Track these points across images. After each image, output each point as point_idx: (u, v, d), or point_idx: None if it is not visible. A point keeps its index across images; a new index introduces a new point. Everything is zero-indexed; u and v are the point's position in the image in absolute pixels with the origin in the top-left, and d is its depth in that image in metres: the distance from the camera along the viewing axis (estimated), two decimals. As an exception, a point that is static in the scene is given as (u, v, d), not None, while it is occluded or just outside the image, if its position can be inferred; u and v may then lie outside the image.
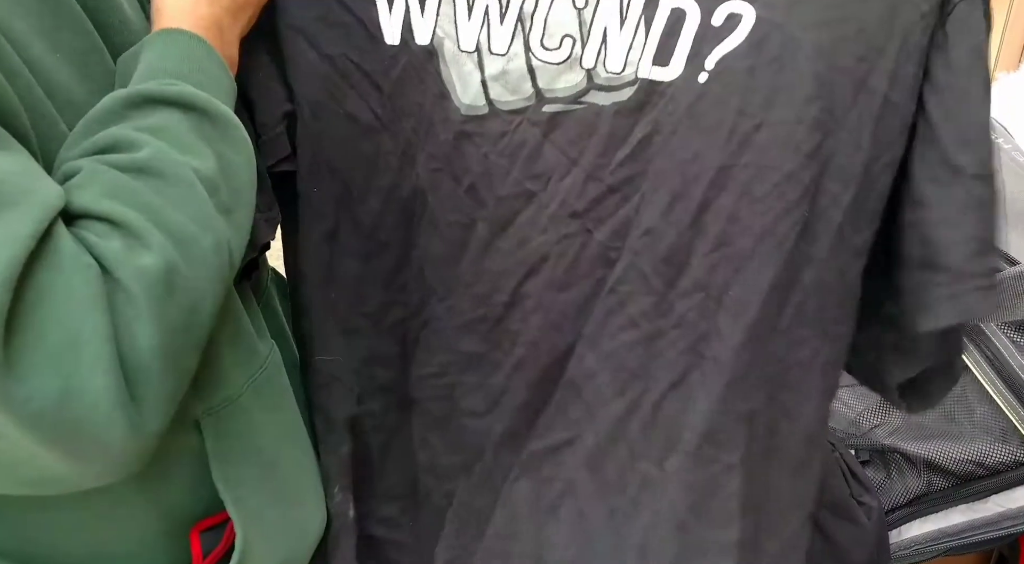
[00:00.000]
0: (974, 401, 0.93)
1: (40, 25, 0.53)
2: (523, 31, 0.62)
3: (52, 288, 0.43)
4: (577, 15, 0.61)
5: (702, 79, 0.60)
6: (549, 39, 0.62)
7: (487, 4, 0.62)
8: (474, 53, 0.63)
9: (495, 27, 0.62)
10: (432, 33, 0.63)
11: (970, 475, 0.93)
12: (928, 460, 0.96)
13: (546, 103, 0.63)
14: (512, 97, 0.64)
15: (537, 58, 0.62)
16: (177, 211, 0.49)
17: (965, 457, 0.92)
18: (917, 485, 0.98)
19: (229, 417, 0.62)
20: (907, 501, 0.98)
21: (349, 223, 0.69)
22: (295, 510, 0.69)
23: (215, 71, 0.57)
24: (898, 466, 1.00)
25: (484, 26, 0.62)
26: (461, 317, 0.69)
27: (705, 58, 0.60)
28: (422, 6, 0.63)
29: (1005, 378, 0.89)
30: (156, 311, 0.46)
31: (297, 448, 0.70)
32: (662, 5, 0.59)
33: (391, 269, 0.70)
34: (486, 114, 0.64)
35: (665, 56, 0.60)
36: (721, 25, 0.59)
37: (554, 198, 0.65)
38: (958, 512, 0.94)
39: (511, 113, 0.64)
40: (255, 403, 0.64)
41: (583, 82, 0.62)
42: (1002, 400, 0.89)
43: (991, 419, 0.91)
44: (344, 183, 0.68)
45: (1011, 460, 0.90)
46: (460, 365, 0.71)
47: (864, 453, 1.03)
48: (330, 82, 0.65)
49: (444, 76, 0.64)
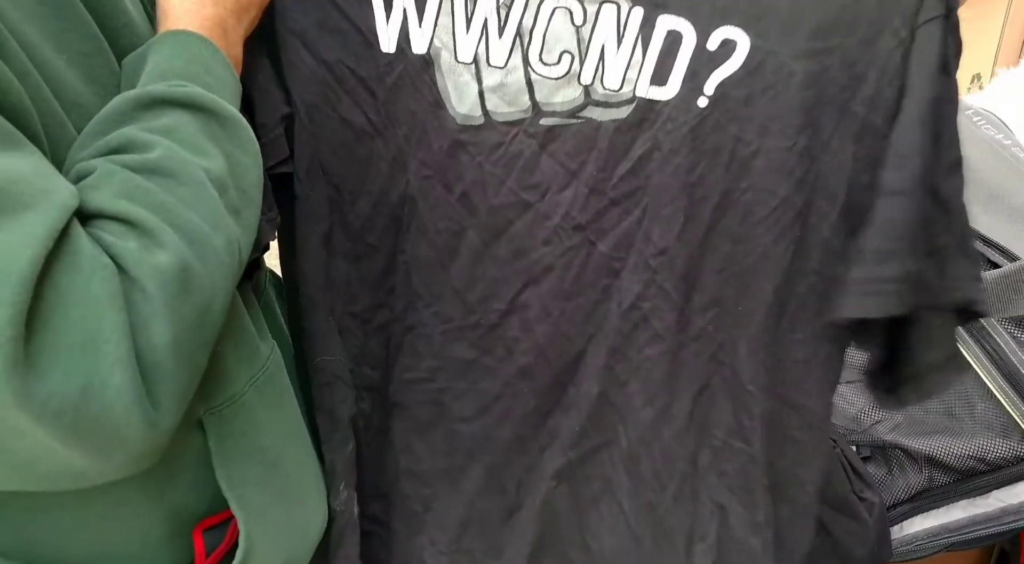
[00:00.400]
0: (975, 397, 0.93)
1: (46, 28, 0.54)
2: (522, 45, 0.63)
3: (71, 288, 0.44)
4: (576, 32, 0.63)
5: (702, 104, 0.63)
6: (548, 54, 0.63)
7: (486, 17, 0.63)
8: (471, 64, 0.64)
9: (494, 40, 0.64)
10: (429, 43, 0.65)
11: (971, 471, 0.93)
12: (929, 456, 0.96)
13: (543, 116, 0.65)
14: (509, 109, 0.65)
15: (535, 72, 0.64)
16: (189, 210, 0.50)
17: (966, 453, 0.92)
18: (918, 481, 0.98)
19: (232, 416, 0.62)
20: (908, 497, 0.98)
21: (340, 225, 0.70)
22: (298, 509, 0.69)
23: (221, 72, 0.58)
24: (899, 462, 1.00)
25: (483, 38, 0.64)
26: (450, 323, 0.71)
27: (704, 82, 0.62)
28: (420, 16, 0.64)
29: (1006, 374, 0.89)
30: (171, 309, 0.48)
31: (299, 447, 0.71)
32: (658, 27, 0.61)
33: (379, 272, 0.71)
34: (482, 125, 0.65)
35: (662, 76, 0.62)
36: (716, 50, 0.61)
37: (555, 210, 0.67)
38: (959, 508, 0.94)
39: (507, 124, 0.65)
40: (258, 402, 0.64)
41: (581, 97, 0.64)
42: (1003, 396, 0.89)
43: (992, 415, 0.91)
44: (336, 186, 0.69)
45: (1012, 455, 0.90)
46: (450, 371, 0.72)
47: (866, 449, 1.03)
48: (326, 87, 0.66)
49: (440, 85, 0.65)
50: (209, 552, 0.65)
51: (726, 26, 0.60)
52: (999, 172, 0.97)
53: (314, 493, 0.72)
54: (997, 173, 0.96)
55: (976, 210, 0.93)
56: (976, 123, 1.04)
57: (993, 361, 0.90)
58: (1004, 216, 0.93)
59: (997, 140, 1.01)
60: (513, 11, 0.63)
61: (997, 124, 1.06)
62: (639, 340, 0.69)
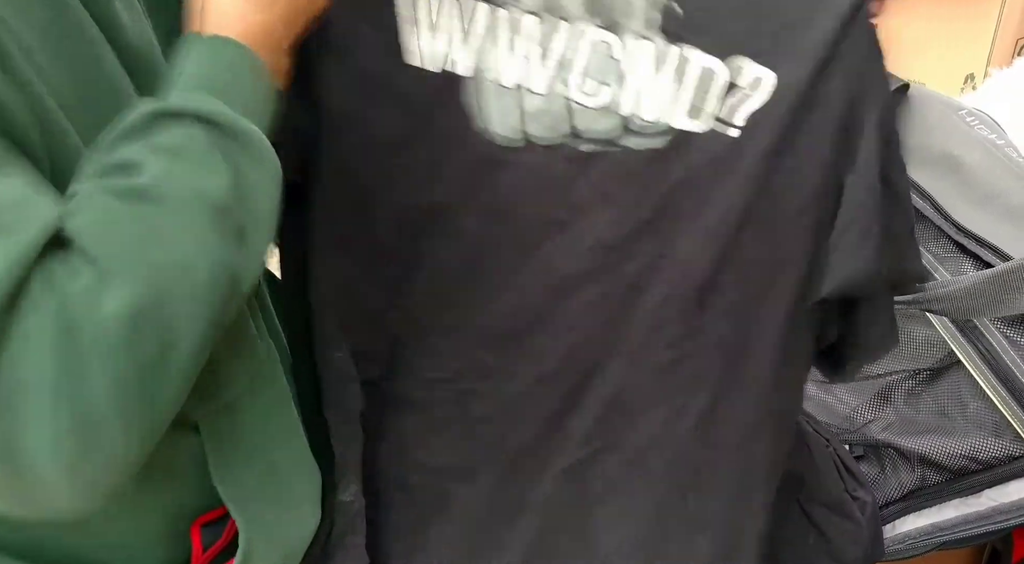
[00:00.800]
0: (967, 396, 0.93)
1: (48, 33, 0.52)
2: (563, 75, 0.67)
3: (4, 328, 0.42)
4: (616, 66, 0.66)
5: (734, 134, 0.67)
6: (588, 85, 0.67)
7: (528, 46, 0.66)
8: (513, 89, 0.67)
9: (536, 67, 0.67)
10: (472, 65, 0.67)
11: (963, 470, 0.93)
12: (922, 455, 0.96)
13: (582, 143, 0.68)
14: (548, 134, 0.68)
15: (576, 102, 0.67)
16: (167, 243, 0.47)
17: (959, 452, 0.93)
18: (911, 480, 0.98)
19: (229, 420, 0.62)
20: (901, 496, 0.99)
21: (362, 232, 0.72)
22: (294, 510, 0.69)
23: (256, 84, 0.55)
24: (892, 461, 1.00)
25: (525, 65, 0.67)
26: (478, 329, 0.74)
27: (735, 114, 0.66)
28: (465, 36, 0.66)
29: (998, 373, 0.89)
30: (113, 358, 0.44)
31: (295, 448, 0.70)
32: (692, 62, 0.66)
33: (396, 277, 0.73)
34: (520, 147, 0.68)
35: (697, 109, 0.67)
36: (747, 85, 0.66)
37: (588, 231, 0.70)
38: (951, 506, 0.95)
39: (547, 148, 0.68)
40: (254, 405, 0.64)
41: (619, 127, 0.68)
42: (995, 395, 0.90)
43: (984, 414, 0.92)
44: (361, 195, 0.71)
45: (1004, 454, 0.90)
46: (475, 373, 0.75)
47: (858, 448, 1.03)
48: (359, 97, 0.68)
49: (478, 105, 0.68)
50: (206, 547, 0.65)
51: (755, 64, 0.65)
52: (993, 172, 0.97)
53: (309, 493, 0.72)
54: (991, 173, 0.97)
55: (969, 210, 0.94)
56: (969, 123, 1.04)
57: (986, 360, 0.90)
58: (997, 216, 0.93)
59: (990, 140, 1.02)
60: (555, 42, 0.66)
61: (990, 124, 1.06)
62: (655, 346, 0.73)
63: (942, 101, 1.08)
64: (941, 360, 0.97)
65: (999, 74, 1.32)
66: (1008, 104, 1.20)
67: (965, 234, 0.92)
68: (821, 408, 1.08)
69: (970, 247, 0.92)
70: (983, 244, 0.91)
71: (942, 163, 0.98)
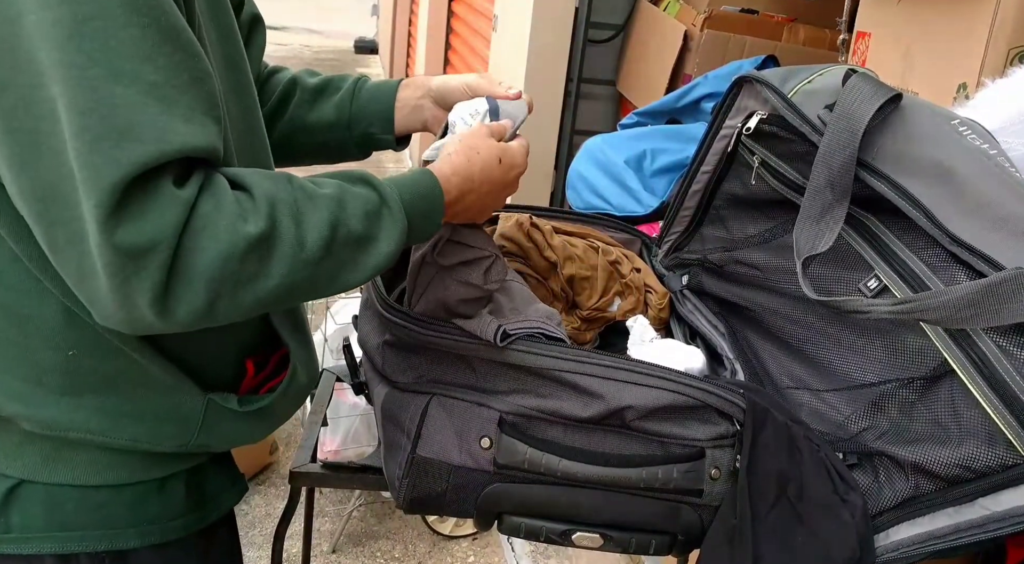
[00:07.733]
0: (961, 405, 0.93)
1: (215, 22, 0.85)
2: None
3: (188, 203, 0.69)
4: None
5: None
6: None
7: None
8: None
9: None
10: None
11: (957, 478, 0.93)
12: (915, 463, 0.96)
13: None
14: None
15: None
16: (297, 223, 0.73)
17: (953, 461, 0.93)
18: (905, 488, 0.98)
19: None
20: (895, 504, 0.98)
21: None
22: (313, 351, 1.05)
23: (428, 225, 0.87)
24: (886, 469, 1.00)
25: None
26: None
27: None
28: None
29: (991, 382, 0.89)
30: (226, 260, 0.68)
31: (302, 318, 1.04)
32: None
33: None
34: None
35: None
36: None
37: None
38: (945, 515, 0.95)
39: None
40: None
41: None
42: (988, 404, 0.90)
43: (978, 423, 0.91)
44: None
45: (998, 463, 0.90)
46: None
47: (852, 457, 1.03)
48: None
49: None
50: (257, 372, 0.98)
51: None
52: (985, 182, 0.97)
53: (312, 345, 1.06)
54: (983, 183, 0.97)
55: (962, 220, 0.94)
56: (962, 133, 1.04)
57: (979, 369, 0.90)
58: (990, 226, 0.93)
59: (983, 150, 1.02)
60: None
61: (983, 134, 1.06)
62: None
63: (935, 110, 1.08)
64: (935, 369, 0.97)
65: (992, 84, 1.33)
66: (1001, 114, 1.20)
67: (958, 243, 0.92)
68: (814, 416, 1.08)
69: (963, 257, 0.92)
70: (976, 254, 0.91)
71: (935, 172, 0.98)
